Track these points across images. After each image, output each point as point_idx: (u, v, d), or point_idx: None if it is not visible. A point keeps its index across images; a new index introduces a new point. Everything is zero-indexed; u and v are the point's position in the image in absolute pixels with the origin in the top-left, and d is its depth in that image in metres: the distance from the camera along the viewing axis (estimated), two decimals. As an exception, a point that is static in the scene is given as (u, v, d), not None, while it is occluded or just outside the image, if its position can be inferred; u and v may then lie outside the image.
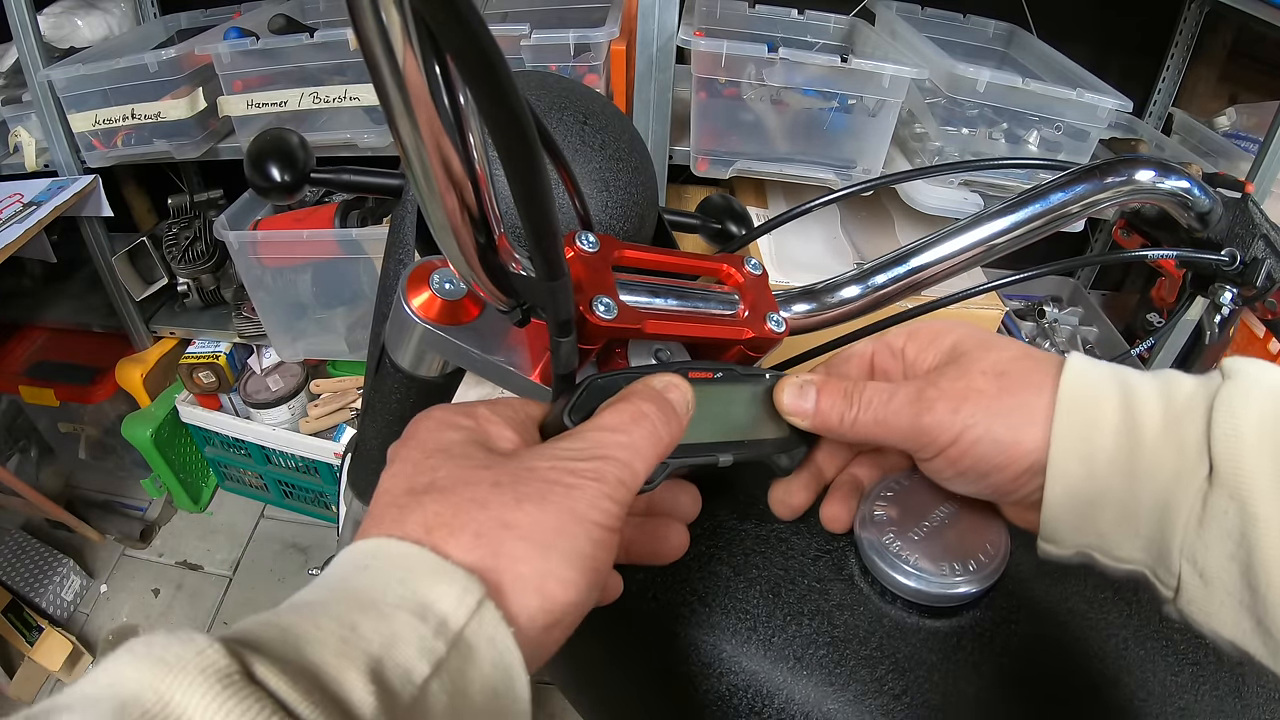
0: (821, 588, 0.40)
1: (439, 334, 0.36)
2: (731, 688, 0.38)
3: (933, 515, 0.39)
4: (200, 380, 1.54)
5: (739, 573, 0.41)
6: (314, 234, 1.27)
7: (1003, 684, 0.37)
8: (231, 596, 1.58)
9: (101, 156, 1.33)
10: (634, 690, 0.47)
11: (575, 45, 1.05)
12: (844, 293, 0.45)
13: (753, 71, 1.02)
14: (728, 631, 0.39)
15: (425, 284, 0.36)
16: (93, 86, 1.26)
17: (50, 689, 1.44)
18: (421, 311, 0.36)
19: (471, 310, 0.37)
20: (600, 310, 0.33)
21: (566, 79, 0.47)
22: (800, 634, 0.38)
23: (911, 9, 1.33)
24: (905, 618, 0.39)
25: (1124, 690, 0.37)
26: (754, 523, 0.43)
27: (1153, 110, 1.50)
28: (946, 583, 0.37)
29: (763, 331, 0.39)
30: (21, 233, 1.24)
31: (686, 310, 0.38)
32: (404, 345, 0.40)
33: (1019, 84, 1.05)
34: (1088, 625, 0.39)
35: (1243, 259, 0.51)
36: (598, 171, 0.43)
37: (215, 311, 1.58)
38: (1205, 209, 0.49)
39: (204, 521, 1.75)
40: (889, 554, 0.38)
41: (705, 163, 1.12)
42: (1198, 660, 0.38)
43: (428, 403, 0.42)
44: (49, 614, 1.52)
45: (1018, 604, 0.40)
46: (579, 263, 0.34)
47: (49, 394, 1.63)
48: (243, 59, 1.21)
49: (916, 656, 0.37)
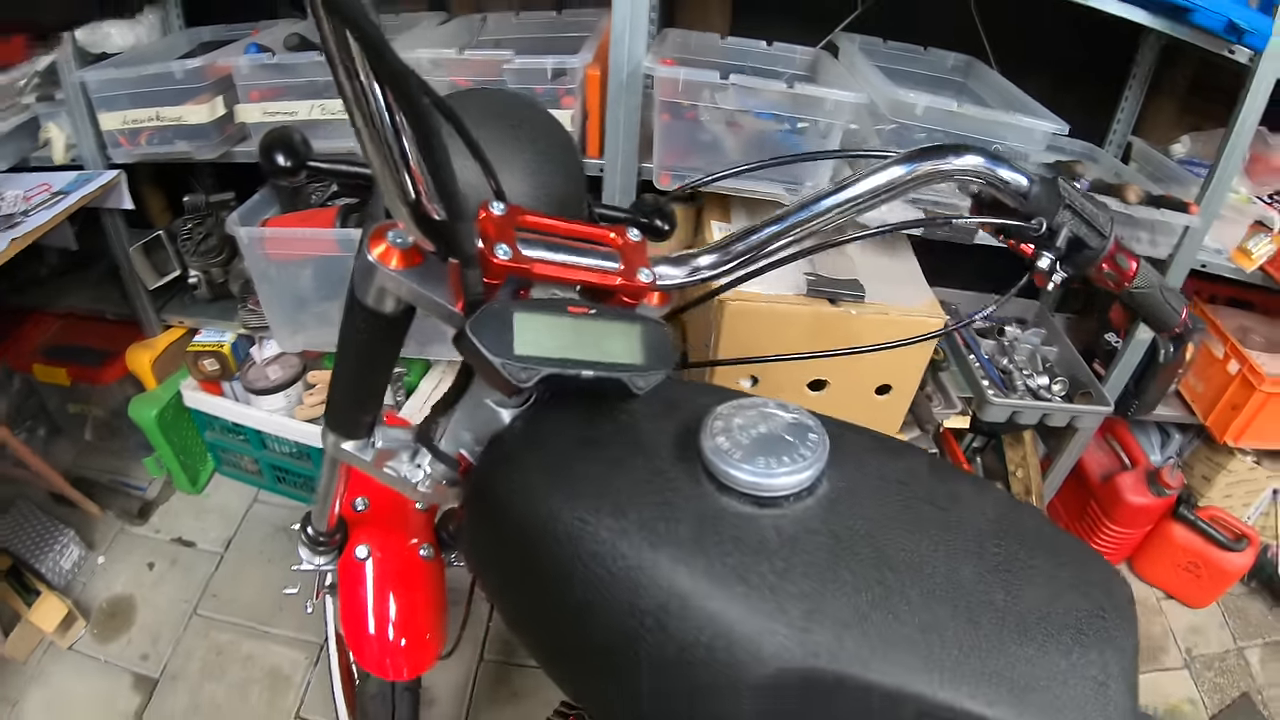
0: (673, 482, 0.56)
1: (392, 275, 0.55)
2: (591, 555, 0.53)
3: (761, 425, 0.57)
4: (205, 367, 1.77)
5: (600, 455, 0.58)
6: (316, 233, 1.50)
7: (833, 560, 0.51)
8: (221, 572, 1.80)
9: (126, 154, 1.57)
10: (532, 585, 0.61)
11: (553, 70, 1.27)
12: (701, 260, 0.64)
13: (708, 96, 1.24)
14: (584, 500, 0.55)
15: (383, 239, 0.55)
16: (122, 89, 1.50)
17: (44, 649, 1.65)
18: (380, 258, 0.55)
19: (416, 259, 0.56)
20: (499, 253, 0.53)
21: (512, 95, 0.69)
22: (650, 514, 0.54)
23: (874, 42, 1.55)
24: (739, 506, 0.54)
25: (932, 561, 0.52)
26: (616, 426, 0.61)
27: (1113, 139, 1.70)
28: (771, 475, 0.53)
29: (632, 280, 0.59)
30: (50, 217, 1.48)
31: (570, 261, 0.58)
32: (367, 286, 0.59)
33: (954, 108, 1.26)
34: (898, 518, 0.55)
35: (1049, 226, 0.63)
36: (526, 164, 0.64)
37: (222, 304, 1.82)
38: (1024, 188, 0.64)
39: (200, 502, 1.98)
40: (725, 454, 0.54)
41: (667, 177, 1.33)
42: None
43: (388, 336, 0.64)
44: (47, 580, 1.72)
45: (838, 496, 0.55)
46: (489, 222, 0.55)
47: (61, 373, 1.87)
48: (260, 72, 1.44)
49: (744, 536, 0.52)
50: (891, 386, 1.44)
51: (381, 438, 0.76)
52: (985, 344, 1.77)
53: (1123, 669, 0.50)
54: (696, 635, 0.50)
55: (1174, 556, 1.84)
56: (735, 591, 0.50)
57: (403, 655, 1.02)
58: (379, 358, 0.68)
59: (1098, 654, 0.50)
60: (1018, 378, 1.68)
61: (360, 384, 0.71)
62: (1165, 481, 1.76)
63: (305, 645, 1.65)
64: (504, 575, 0.67)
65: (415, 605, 1.03)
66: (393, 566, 1.04)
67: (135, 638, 1.68)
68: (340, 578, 1.05)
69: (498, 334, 0.53)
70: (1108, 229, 0.65)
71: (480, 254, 0.53)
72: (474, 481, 0.67)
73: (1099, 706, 0.48)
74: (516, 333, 0.53)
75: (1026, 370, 1.71)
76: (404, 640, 1.01)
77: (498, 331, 0.53)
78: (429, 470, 0.76)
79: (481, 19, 1.62)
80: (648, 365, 0.58)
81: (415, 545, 1.05)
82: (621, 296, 0.60)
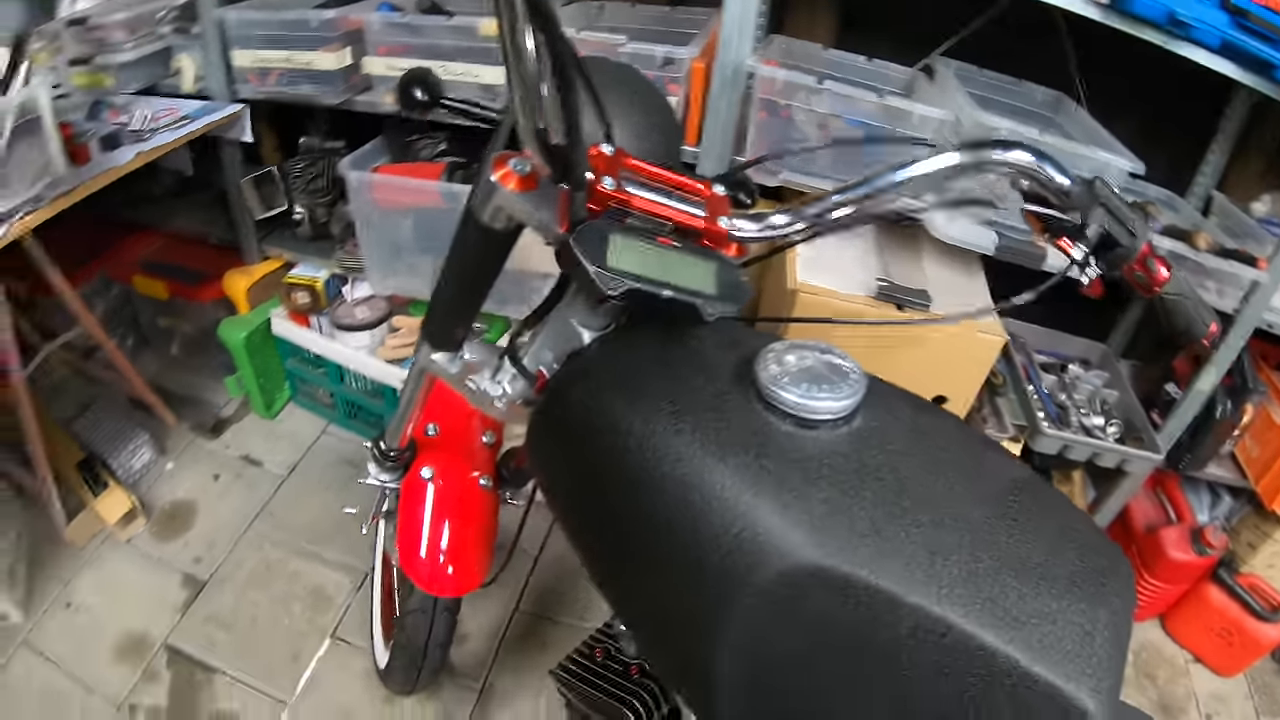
0: (728, 400, 0.64)
1: (509, 195, 0.65)
2: (653, 456, 0.62)
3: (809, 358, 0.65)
4: (297, 299, 1.89)
5: (667, 372, 0.67)
6: (422, 184, 1.60)
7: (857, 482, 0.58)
8: (282, 493, 1.92)
9: (254, 90, 1.70)
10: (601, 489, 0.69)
11: (663, 58, 1.36)
12: (775, 219, 0.72)
13: (804, 97, 1.31)
14: (649, 406, 0.63)
15: (505, 164, 0.65)
16: (258, 30, 1.63)
17: (103, 539, 1.78)
18: (500, 180, 0.65)
19: (531, 184, 0.65)
20: (605, 183, 0.63)
21: (632, 69, 0.80)
22: (705, 423, 0.62)
23: (970, 69, 1.61)
24: (782, 425, 0.62)
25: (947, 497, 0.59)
26: (684, 350, 0.69)
27: (1195, 191, 1.73)
28: (812, 399, 0.61)
29: (713, 225, 0.68)
30: (175, 138, 1.62)
31: (663, 200, 0.67)
32: (485, 204, 0.68)
33: (1036, 135, 1.31)
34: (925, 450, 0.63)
35: (1084, 219, 0.70)
36: (635, 125, 0.75)
37: (321, 243, 1.94)
38: (1066, 186, 0.70)
39: (272, 426, 2.11)
40: (775, 379, 0.62)
41: (749, 177, 1.41)
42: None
43: (494, 253, 0.74)
44: (117, 476, 1.86)
45: (870, 432, 0.63)
46: (599, 159, 0.65)
47: (160, 287, 2.02)
48: (389, 29, 1.56)
49: (783, 447, 0.60)
50: (947, 399, 1.49)
51: (470, 351, 0.86)
52: (1047, 378, 1.80)
53: (1111, 628, 0.54)
54: (729, 527, 0.57)
55: (1208, 619, 1.83)
56: (767, 490, 0.57)
57: (448, 574, 1.10)
58: (482, 272, 0.77)
59: (1088, 606, 0.55)
60: (1073, 414, 1.71)
61: (461, 296, 0.81)
62: (1208, 541, 1.76)
63: (351, 570, 1.75)
64: (567, 479, 0.75)
65: (467, 530, 1.12)
66: (452, 491, 1.13)
67: (191, 541, 1.81)
68: (402, 494, 1.15)
69: (596, 247, 0.62)
70: (1139, 231, 0.71)
71: (589, 183, 0.63)
72: (549, 390, 0.76)
73: (1081, 651, 0.52)
74: (611, 249, 0.63)
75: (1084, 409, 1.74)
76: (452, 560, 1.10)
77: (596, 245, 0.62)
78: (508, 388, 0.84)
79: (599, 6, 1.72)
80: (720, 296, 0.66)
81: (476, 477, 1.14)
82: (704, 239, 0.69)
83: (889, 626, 0.53)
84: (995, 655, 0.51)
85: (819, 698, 0.58)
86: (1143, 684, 1.80)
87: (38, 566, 1.70)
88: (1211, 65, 1.27)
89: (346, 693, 1.55)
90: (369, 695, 1.54)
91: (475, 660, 1.63)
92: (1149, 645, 1.88)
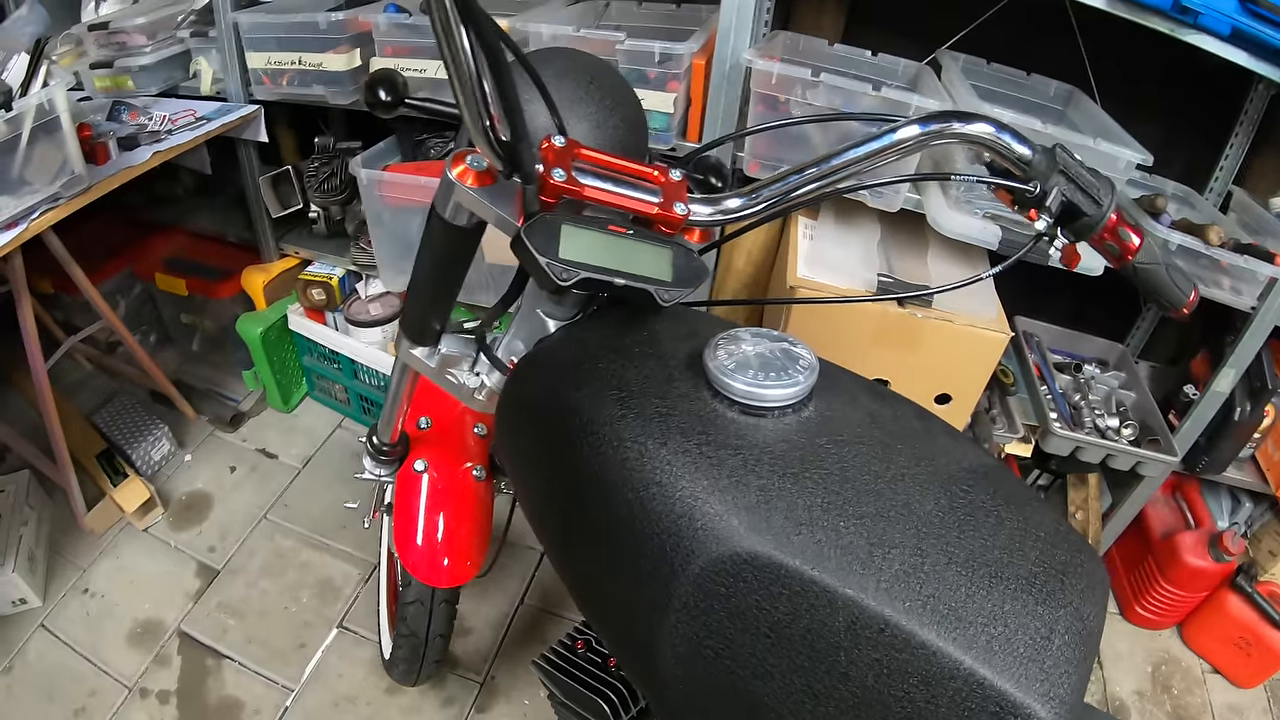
0: (677, 387, 0.64)
1: (467, 191, 0.67)
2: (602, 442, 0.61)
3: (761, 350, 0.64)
4: (312, 296, 1.93)
5: (621, 359, 0.66)
6: (431, 181, 1.62)
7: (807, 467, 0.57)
8: (296, 485, 1.96)
9: (268, 91, 1.74)
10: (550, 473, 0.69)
11: (660, 54, 1.36)
12: (729, 203, 0.71)
13: (800, 91, 1.31)
14: (605, 400, 0.63)
15: (462, 161, 0.67)
16: (270, 33, 1.66)
17: (121, 528, 1.83)
18: (459, 177, 0.66)
19: (488, 179, 0.67)
20: (555, 175, 0.63)
21: (589, 56, 0.79)
22: (650, 408, 0.61)
23: (978, 62, 1.59)
24: (728, 412, 0.61)
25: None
26: (640, 339, 0.69)
27: (1213, 186, 1.68)
28: (759, 387, 0.61)
29: (669, 210, 0.67)
30: (192, 137, 1.67)
31: (616, 189, 0.67)
32: (446, 200, 0.70)
33: (1038, 127, 1.29)
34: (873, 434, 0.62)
35: (1043, 188, 0.69)
36: (593, 115, 0.74)
37: (336, 241, 1.98)
38: (1027, 157, 0.69)
39: (288, 420, 2.15)
40: (723, 366, 0.62)
41: (756, 165, 1.40)
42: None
43: (461, 248, 0.75)
44: (136, 466, 1.91)
45: (820, 420, 0.62)
46: (550, 151, 0.64)
47: (180, 284, 2.07)
48: (396, 30, 1.58)
49: (726, 434, 0.59)
50: (952, 397, 1.47)
51: (446, 344, 0.87)
52: (1061, 378, 1.77)
53: (1072, 632, 0.52)
54: (666, 514, 0.57)
55: (1225, 629, 1.79)
56: (704, 476, 0.56)
57: (444, 565, 1.11)
58: (451, 267, 0.79)
59: (1046, 609, 0.52)
60: (1087, 415, 1.67)
61: (433, 291, 0.82)
62: (1226, 547, 1.71)
63: (360, 562, 1.78)
64: (526, 465, 0.75)
65: (462, 520, 1.13)
66: (446, 482, 1.14)
67: (206, 530, 1.85)
68: (397, 487, 1.16)
69: (547, 239, 0.63)
70: (1105, 199, 0.69)
71: (540, 176, 0.63)
72: (511, 378, 0.77)
73: (1035, 655, 0.49)
74: (562, 240, 0.63)
75: (1099, 410, 1.70)
76: (447, 551, 1.11)
77: (547, 237, 0.63)
78: (486, 380, 0.86)
79: (605, 4, 1.73)
80: (675, 282, 0.67)
81: (469, 468, 1.15)
82: (660, 225, 0.69)
83: (825, 620, 0.52)
84: (937, 655, 0.49)
85: (758, 693, 0.56)
86: (1158, 695, 1.76)
87: (57, 553, 1.76)
88: (1221, 53, 1.24)
89: (351, 681, 1.57)
90: (373, 684, 1.57)
91: (478, 653, 1.65)
92: (1166, 654, 1.84)
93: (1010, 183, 0.70)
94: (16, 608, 1.64)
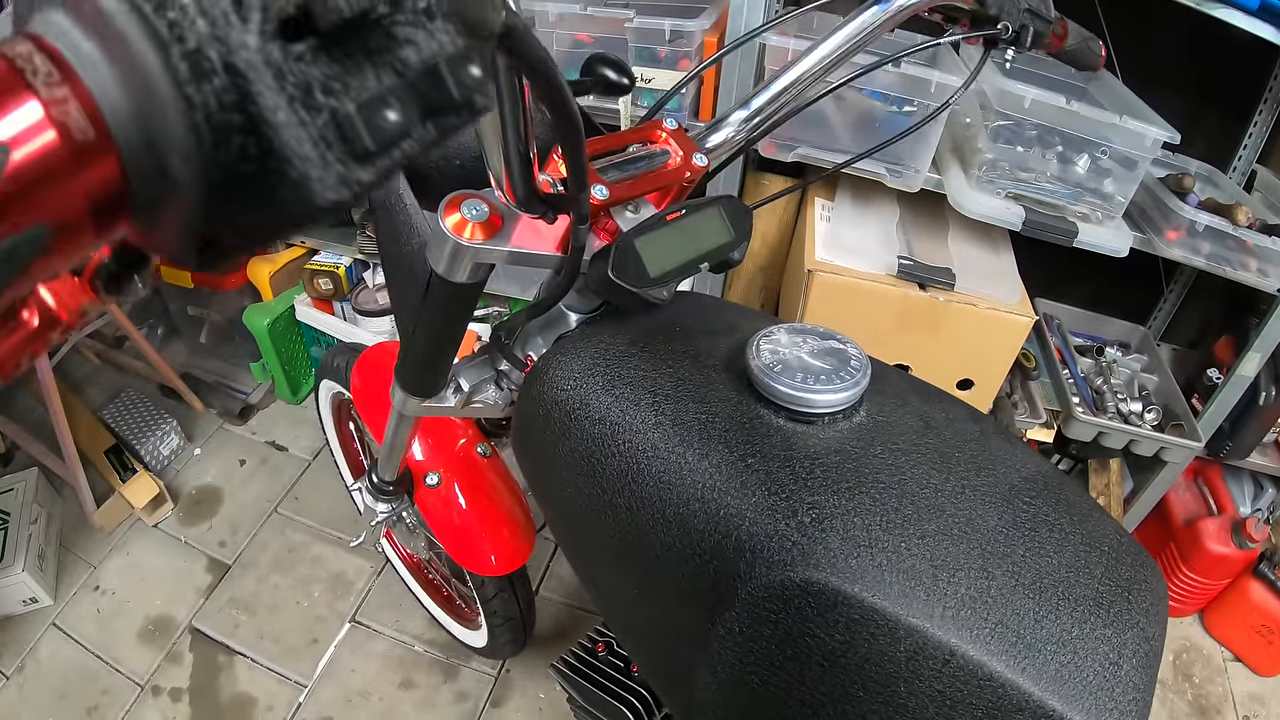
0: (715, 389, 0.59)
1: (484, 248, 0.55)
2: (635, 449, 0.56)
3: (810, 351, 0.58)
4: (319, 286, 1.88)
5: (650, 355, 0.61)
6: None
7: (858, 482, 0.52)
8: (306, 478, 1.92)
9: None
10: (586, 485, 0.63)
11: (670, 31, 1.31)
12: (733, 117, 0.67)
13: (817, 69, 1.25)
14: (638, 406, 0.58)
15: (461, 219, 0.54)
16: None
17: (131, 524, 1.80)
18: (468, 239, 0.55)
19: (496, 224, 0.56)
20: (598, 193, 0.57)
21: None
22: (686, 412, 0.57)
23: (998, 39, 1.53)
24: (774, 419, 0.56)
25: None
26: (671, 334, 0.64)
27: (1237, 165, 1.63)
28: (808, 392, 0.55)
29: (694, 168, 0.63)
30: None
31: (641, 172, 0.61)
32: (458, 266, 0.58)
33: (1062, 104, 1.24)
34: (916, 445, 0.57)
35: (1013, 28, 0.76)
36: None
37: (343, 230, 1.92)
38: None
39: (297, 412, 2.11)
40: (768, 368, 0.56)
41: (772, 146, 1.35)
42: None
43: (468, 303, 0.64)
44: (145, 462, 1.88)
45: (873, 426, 0.57)
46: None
47: (185, 275, 2.02)
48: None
49: (773, 444, 0.54)
50: (974, 382, 1.42)
51: (464, 378, 0.78)
52: (1083, 362, 1.72)
53: (1140, 655, 0.48)
54: (710, 533, 0.51)
55: (1247, 616, 1.74)
56: (753, 492, 0.51)
57: (507, 545, 1.10)
58: (460, 323, 0.69)
59: (1114, 631, 0.49)
60: (1110, 400, 1.62)
61: (440, 351, 0.72)
62: (1249, 534, 1.67)
63: (372, 555, 1.74)
64: (547, 466, 0.69)
65: (496, 499, 1.11)
66: (462, 478, 1.11)
67: (217, 525, 1.81)
68: (423, 511, 1.12)
69: (634, 269, 0.57)
70: (1048, 12, 0.79)
71: (593, 208, 0.57)
72: (530, 376, 0.70)
73: (1105, 682, 0.46)
74: (645, 260, 0.57)
75: (1121, 394, 1.65)
76: (500, 536, 1.10)
77: (633, 267, 0.57)
78: (508, 389, 0.79)
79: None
80: (738, 237, 0.63)
81: (469, 447, 1.12)
82: (684, 184, 0.64)
83: (885, 650, 0.47)
84: (1005, 687, 0.45)
85: None
86: (1180, 684, 1.72)
87: (67, 550, 1.73)
88: (1249, 28, 1.19)
89: (365, 676, 1.54)
90: (387, 679, 1.54)
91: (492, 646, 1.61)
92: (1187, 642, 1.80)
93: (988, 32, 0.77)
94: (27, 607, 1.61)
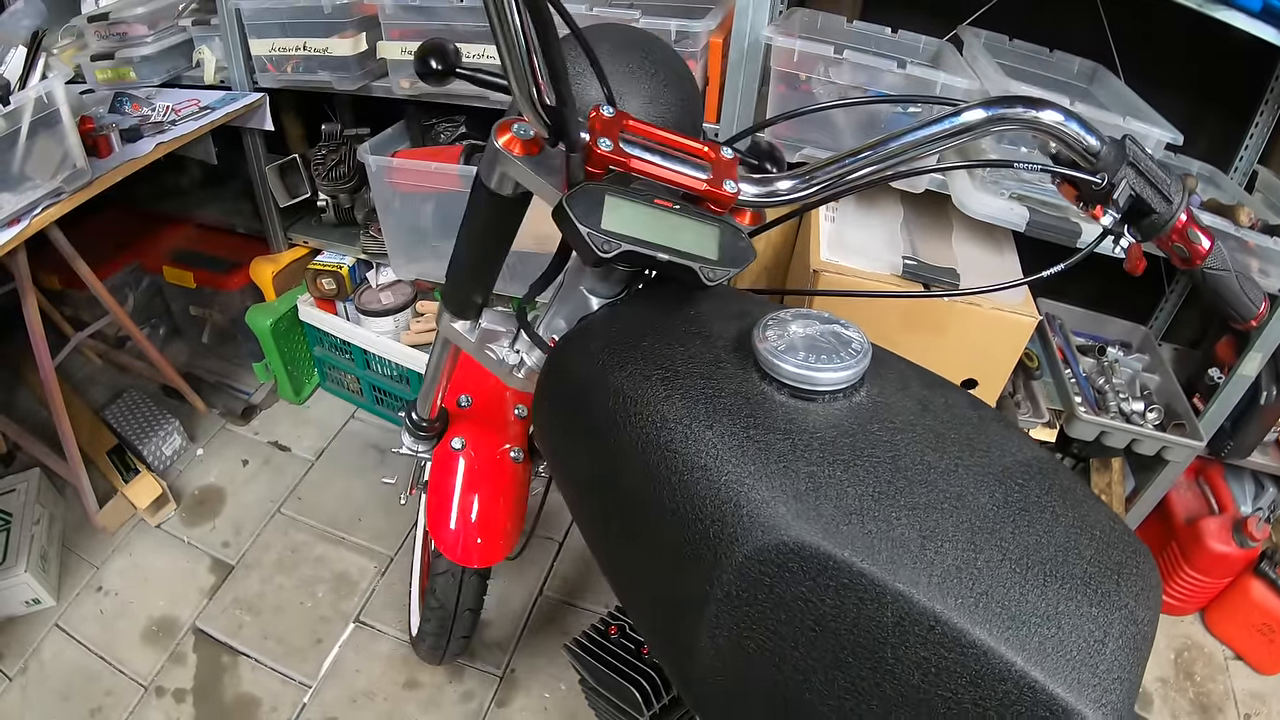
0: (723, 367, 0.60)
1: (513, 159, 0.65)
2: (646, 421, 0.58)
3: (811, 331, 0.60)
4: (322, 286, 1.88)
5: (665, 337, 0.63)
6: (441, 166, 1.57)
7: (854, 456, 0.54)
8: (310, 478, 1.91)
9: (273, 79, 1.68)
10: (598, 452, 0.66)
11: (676, 32, 1.30)
12: (781, 184, 0.67)
13: (822, 70, 1.25)
14: (650, 381, 0.60)
15: (509, 130, 0.65)
16: (274, 19, 1.60)
17: (134, 524, 1.79)
18: (505, 146, 0.65)
19: (534, 149, 0.65)
20: (602, 145, 0.59)
21: (646, 33, 0.76)
22: (695, 388, 0.58)
23: (1000, 39, 1.52)
24: (777, 396, 0.58)
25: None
26: (687, 318, 0.66)
27: (1239, 166, 1.63)
28: (810, 369, 0.57)
29: (718, 188, 0.64)
30: (197, 127, 1.61)
31: (664, 163, 0.62)
32: (491, 170, 0.68)
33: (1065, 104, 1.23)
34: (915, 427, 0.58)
35: (1111, 181, 0.63)
36: (646, 90, 0.71)
37: (345, 229, 1.93)
38: (1095, 148, 0.64)
39: (300, 412, 2.11)
40: (773, 348, 0.58)
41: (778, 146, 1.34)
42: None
43: (505, 219, 0.74)
44: (148, 462, 1.87)
45: (872, 405, 0.58)
46: (597, 120, 0.61)
47: (188, 276, 2.02)
48: (402, 12, 1.52)
49: (774, 418, 0.56)
50: (977, 382, 1.42)
51: (486, 319, 0.87)
52: (1085, 361, 1.72)
53: (1126, 636, 0.49)
54: (710, 498, 0.54)
55: (1248, 615, 1.74)
56: (751, 461, 0.53)
57: (476, 544, 1.09)
58: (495, 239, 0.77)
59: (1101, 611, 0.49)
60: (1111, 399, 1.62)
61: (476, 263, 0.80)
62: (1250, 533, 1.66)
63: (376, 555, 1.74)
64: (563, 445, 0.72)
65: (496, 501, 1.10)
66: (483, 463, 1.11)
67: (220, 525, 1.81)
68: (433, 464, 1.13)
69: (589, 209, 0.60)
70: (1175, 197, 0.64)
71: (586, 145, 0.60)
72: (551, 356, 0.73)
73: (1089, 659, 0.47)
74: (606, 210, 0.60)
75: (1123, 394, 1.65)
76: (480, 531, 1.09)
77: (590, 207, 0.60)
78: (526, 357, 0.84)
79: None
80: (721, 261, 0.63)
81: (507, 449, 1.12)
82: (708, 203, 0.65)
83: (873, 615, 0.49)
84: (988, 655, 0.46)
85: (798, 688, 0.53)
86: (1181, 682, 1.72)
87: (69, 551, 1.72)
88: (1250, 29, 1.18)
89: (369, 677, 1.53)
90: (391, 679, 1.53)
91: (498, 645, 1.61)
92: (1188, 640, 1.80)
93: (1077, 174, 0.65)
94: (30, 608, 1.60)
